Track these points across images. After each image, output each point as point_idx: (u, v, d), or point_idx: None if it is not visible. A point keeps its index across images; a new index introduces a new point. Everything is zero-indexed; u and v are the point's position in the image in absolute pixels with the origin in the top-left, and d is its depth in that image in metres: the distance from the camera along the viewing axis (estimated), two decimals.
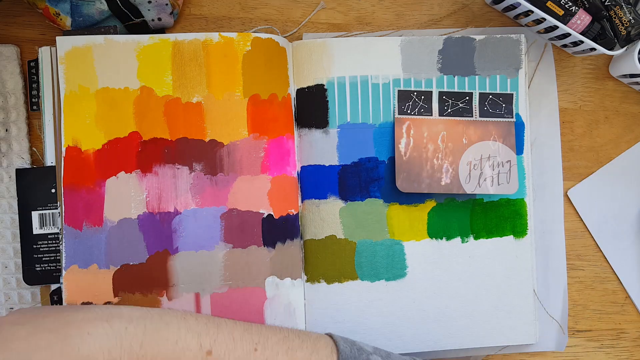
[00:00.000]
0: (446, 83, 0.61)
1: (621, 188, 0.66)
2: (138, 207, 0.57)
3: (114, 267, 0.56)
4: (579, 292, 0.65)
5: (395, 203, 0.60)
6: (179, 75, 0.58)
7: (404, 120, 0.60)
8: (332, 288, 0.59)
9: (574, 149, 0.66)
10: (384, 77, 0.60)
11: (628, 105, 0.66)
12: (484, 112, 0.60)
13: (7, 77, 0.60)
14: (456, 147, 0.59)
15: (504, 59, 0.61)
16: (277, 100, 0.59)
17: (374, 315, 0.59)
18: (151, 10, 0.59)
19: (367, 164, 0.60)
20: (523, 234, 0.61)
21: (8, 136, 0.60)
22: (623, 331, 0.65)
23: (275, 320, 0.57)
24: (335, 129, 0.60)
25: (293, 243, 0.58)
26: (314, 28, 0.64)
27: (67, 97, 0.57)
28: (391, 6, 0.65)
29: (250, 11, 0.64)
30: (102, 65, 0.57)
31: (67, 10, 0.58)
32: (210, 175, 0.57)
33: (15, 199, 0.59)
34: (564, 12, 0.58)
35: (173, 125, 0.57)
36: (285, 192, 0.58)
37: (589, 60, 0.66)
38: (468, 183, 0.59)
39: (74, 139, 0.56)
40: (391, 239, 0.60)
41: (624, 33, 0.59)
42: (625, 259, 0.65)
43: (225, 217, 0.57)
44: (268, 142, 0.58)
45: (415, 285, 0.60)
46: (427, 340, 0.60)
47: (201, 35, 0.58)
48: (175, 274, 0.57)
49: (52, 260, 0.58)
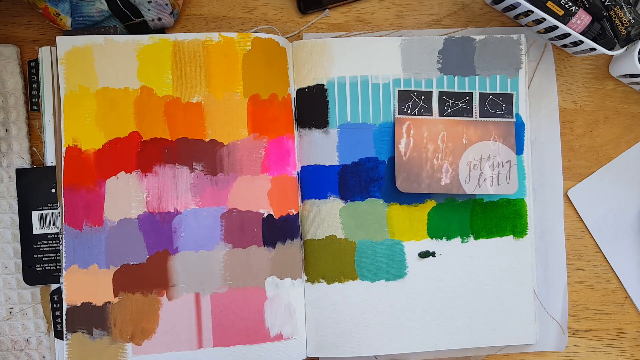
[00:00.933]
0: (446, 83, 0.61)
1: (621, 188, 0.66)
2: (138, 207, 0.57)
3: (114, 267, 0.56)
4: (579, 292, 0.65)
5: (395, 203, 0.60)
6: (179, 75, 0.58)
7: (404, 120, 0.60)
8: (332, 288, 0.59)
9: (574, 149, 0.66)
10: (384, 77, 0.60)
11: (628, 105, 0.66)
12: (484, 112, 0.60)
13: (7, 77, 0.60)
14: (456, 147, 0.59)
15: (504, 59, 0.61)
16: (277, 100, 0.59)
17: (374, 315, 0.59)
18: (151, 10, 0.59)
19: (367, 164, 0.60)
20: (523, 234, 0.61)
21: (8, 136, 0.60)
22: (623, 331, 0.65)
23: (275, 320, 0.57)
24: (336, 129, 0.60)
25: (293, 243, 0.58)
26: (314, 28, 0.64)
27: (68, 97, 0.57)
28: (391, 6, 0.65)
29: (250, 11, 0.64)
30: (102, 65, 0.57)
31: (67, 10, 0.58)
32: (211, 175, 0.57)
33: (15, 199, 0.59)
34: (564, 12, 0.58)
35: (173, 125, 0.57)
36: (285, 192, 0.58)
37: (589, 60, 0.66)
38: (468, 183, 0.59)
39: (74, 139, 0.56)
40: (391, 239, 0.60)
41: (624, 33, 0.59)
42: (625, 259, 0.65)
43: (226, 217, 0.57)
44: (268, 142, 0.58)
45: (415, 285, 0.60)
46: (427, 340, 0.60)
47: (201, 35, 0.58)
48: (176, 274, 0.56)
49: (52, 260, 0.58)
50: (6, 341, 0.59)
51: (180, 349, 0.56)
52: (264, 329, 0.57)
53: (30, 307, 0.59)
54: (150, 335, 0.56)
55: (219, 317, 0.57)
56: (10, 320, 0.59)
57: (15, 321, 0.59)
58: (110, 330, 0.56)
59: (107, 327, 0.56)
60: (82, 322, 0.55)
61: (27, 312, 0.59)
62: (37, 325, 0.59)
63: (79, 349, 0.55)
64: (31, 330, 0.59)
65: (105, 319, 0.56)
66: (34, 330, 0.59)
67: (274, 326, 0.57)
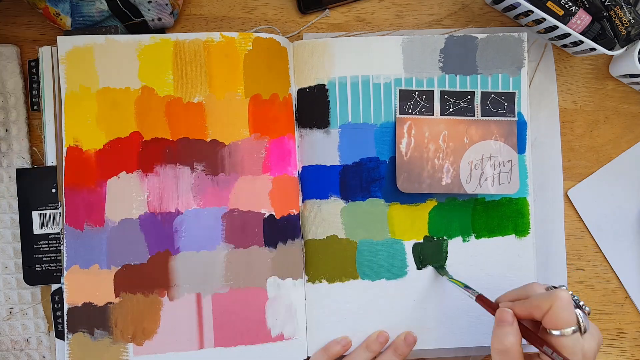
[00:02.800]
0: (448, 82, 0.61)
1: (621, 188, 0.66)
2: (139, 207, 0.56)
3: (115, 267, 0.56)
4: (579, 292, 0.65)
5: (396, 203, 0.60)
6: (180, 75, 0.58)
7: (405, 120, 0.60)
8: (333, 287, 0.59)
9: (574, 149, 0.66)
10: (385, 77, 0.60)
11: (628, 105, 0.66)
12: (485, 111, 0.60)
13: (7, 77, 0.60)
14: (457, 146, 0.59)
15: (506, 58, 0.61)
16: (278, 100, 0.58)
17: (374, 314, 0.59)
18: (151, 10, 0.59)
19: (368, 164, 0.60)
20: (525, 233, 0.61)
21: (8, 136, 0.59)
22: (623, 331, 0.65)
23: (276, 321, 0.57)
24: (337, 129, 0.60)
25: (294, 243, 0.58)
26: (314, 28, 0.64)
27: (68, 97, 0.56)
28: (391, 6, 0.65)
29: (250, 11, 0.64)
30: (103, 65, 0.57)
31: (67, 10, 0.58)
32: (212, 175, 0.57)
33: (15, 199, 0.59)
34: (564, 12, 0.58)
35: (174, 125, 0.57)
36: (286, 192, 0.58)
37: (589, 60, 0.67)
38: (469, 183, 0.59)
39: (75, 139, 0.56)
40: (392, 238, 0.60)
41: (624, 33, 0.59)
42: (625, 259, 0.66)
43: (227, 217, 0.57)
44: (269, 142, 0.58)
45: (416, 284, 0.60)
46: (427, 339, 0.60)
47: (202, 35, 0.58)
48: (177, 275, 0.56)
49: (52, 260, 0.58)
50: (6, 341, 0.59)
51: (182, 349, 0.56)
52: (265, 329, 0.57)
53: (30, 307, 0.59)
54: (151, 336, 0.56)
55: (220, 318, 0.57)
56: (10, 320, 0.59)
57: (15, 321, 0.59)
58: (112, 330, 0.56)
59: (108, 328, 0.55)
60: (83, 322, 0.55)
61: (27, 312, 0.59)
62: (37, 325, 0.59)
63: (80, 349, 0.55)
64: (31, 330, 0.59)
65: (107, 319, 0.55)
66: (34, 330, 0.59)
67: (275, 326, 0.57)
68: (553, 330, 0.46)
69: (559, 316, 0.46)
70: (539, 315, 0.47)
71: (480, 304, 0.52)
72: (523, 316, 0.48)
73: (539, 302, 0.47)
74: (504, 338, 0.47)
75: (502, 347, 0.47)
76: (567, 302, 0.46)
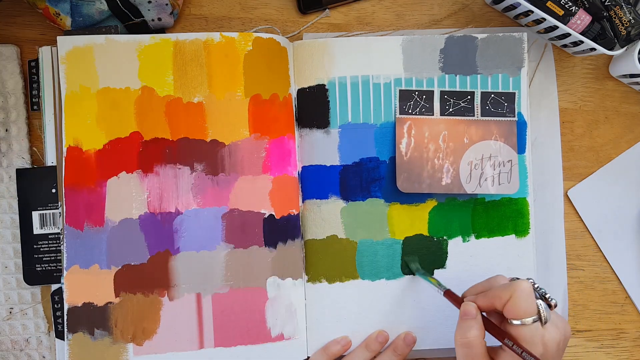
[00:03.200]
0: (448, 82, 0.61)
1: (621, 188, 0.66)
2: (139, 207, 0.56)
3: (115, 267, 0.56)
4: (579, 292, 0.65)
5: (396, 203, 0.60)
6: (180, 75, 0.58)
7: (405, 120, 0.60)
8: (333, 287, 0.59)
9: (574, 149, 0.66)
10: (385, 77, 0.60)
11: (628, 105, 0.66)
12: (485, 111, 0.60)
13: (7, 77, 0.60)
14: (457, 146, 0.59)
15: (506, 58, 0.61)
16: (278, 100, 0.58)
17: (374, 314, 0.59)
18: (151, 10, 0.59)
19: (368, 164, 0.60)
20: (525, 233, 0.61)
21: (8, 136, 0.59)
22: (623, 331, 0.65)
23: (276, 321, 0.57)
24: (337, 129, 0.60)
25: (294, 243, 0.58)
26: (314, 28, 0.64)
27: (68, 97, 0.56)
28: (391, 6, 0.65)
29: (250, 11, 0.64)
30: (103, 65, 0.57)
31: (67, 10, 0.58)
32: (212, 175, 0.57)
33: (15, 199, 0.59)
34: (564, 12, 0.58)
35: (174, 125, 0.57)
36: (286, 192, 0.58)
37: (589, 60, 0.67)
38: (468, 183, 0.59)
39: (75, 139, 0.56)
40: (392, 238, 0.60)
41: (624, 33, 0.59)
42: (625, 259, 0.66)
43: (227, 217, 0.57)
44: (269, 142, 0.58)
45: (416, 284, 0.60)
46: (427, 339, 0.60)
47: (202, 35, 0.58)
48: (177, 274, 0.56)
49: (52, 260, 0.58)
50: (6, 341, 0.59)
51: (182, 349, 0.56)
52: (265, 329, 0.57)
53: (30, 307, 0.59)
54: (151, 336, 0.56)
55: (220, 318, 0.57)
56: (10, 320, 0.59)
57: (15, 321, 0.59)
58: (112, 330, 0.56)
59: (108, 328, 0.56)
60: (83, 322, 0.55)
61: (27, 312, 0.59)
62: (37, 325, 0.59)
63: (80, 349, 0.55)
64: (31, 330, 0.59)
65: (107, 319, 0.56)
66: (34, 330, 0.59)
67: (275, 326, 0.57)
68: (513, 319, 0.46)
69: (519, 305, 0.46)
70: (500, 305, 0.47)
71: (448, 299, 0.52)
72: (485, 307, 0.49)
73: (499, 292, 0.47)
74: (467, 331, 0.48)
75: (465, 340, 0.47)
76: (527, 292, 0.46)
